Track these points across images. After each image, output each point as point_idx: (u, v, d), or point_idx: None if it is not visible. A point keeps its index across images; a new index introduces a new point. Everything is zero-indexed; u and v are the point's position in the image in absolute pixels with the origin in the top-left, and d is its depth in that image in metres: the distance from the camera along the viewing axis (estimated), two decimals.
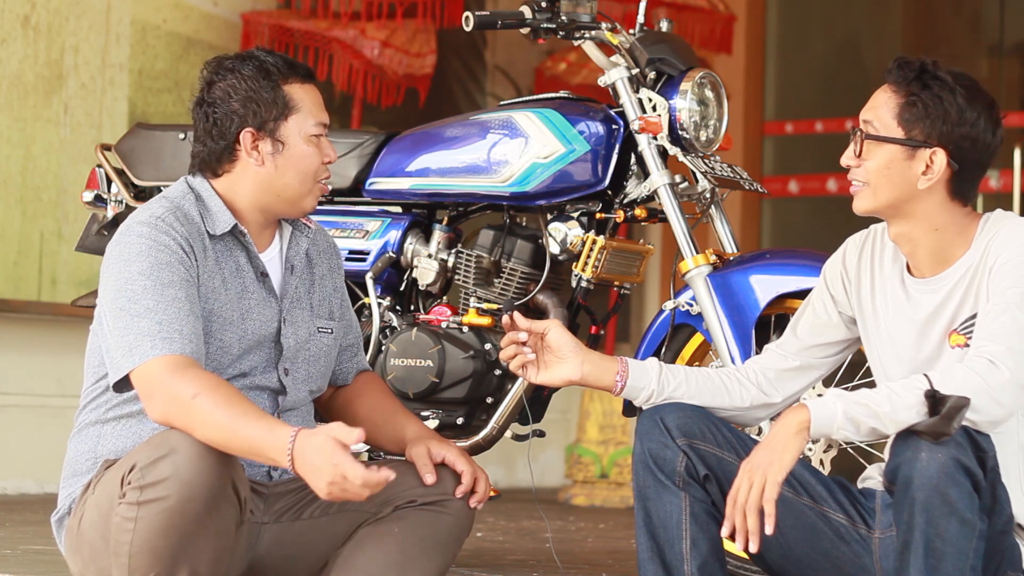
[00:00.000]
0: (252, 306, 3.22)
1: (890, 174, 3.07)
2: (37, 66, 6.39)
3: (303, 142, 3.21)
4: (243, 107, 3.19)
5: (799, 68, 9.34)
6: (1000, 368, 2.91)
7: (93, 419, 3.20)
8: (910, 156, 3.07)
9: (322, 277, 3.38)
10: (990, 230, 3.08)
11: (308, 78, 3.26)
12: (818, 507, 3.16)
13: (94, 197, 4.58)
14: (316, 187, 3.25)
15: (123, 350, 3.04)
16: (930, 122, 3.06)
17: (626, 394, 3.20)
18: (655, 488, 3.11)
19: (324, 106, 3.28)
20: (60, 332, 6.36)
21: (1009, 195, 8.47)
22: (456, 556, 3.27)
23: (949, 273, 3.11)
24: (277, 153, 3.21)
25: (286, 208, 3.25)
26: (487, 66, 8.37)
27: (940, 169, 3.06)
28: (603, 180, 4.09)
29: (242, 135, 3.20)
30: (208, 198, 3.22)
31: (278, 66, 3.22)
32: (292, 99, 3.21)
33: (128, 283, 3.07)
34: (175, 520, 2.92)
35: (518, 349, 3.20)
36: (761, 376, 3.27)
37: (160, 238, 3.11)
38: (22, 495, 6.32)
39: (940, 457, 2.85)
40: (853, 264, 3.25)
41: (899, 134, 3.07)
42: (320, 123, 3.23)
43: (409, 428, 3.33)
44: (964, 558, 2.87)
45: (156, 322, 3.04)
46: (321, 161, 3.24)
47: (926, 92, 3.06)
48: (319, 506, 3.21)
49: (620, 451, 7.40)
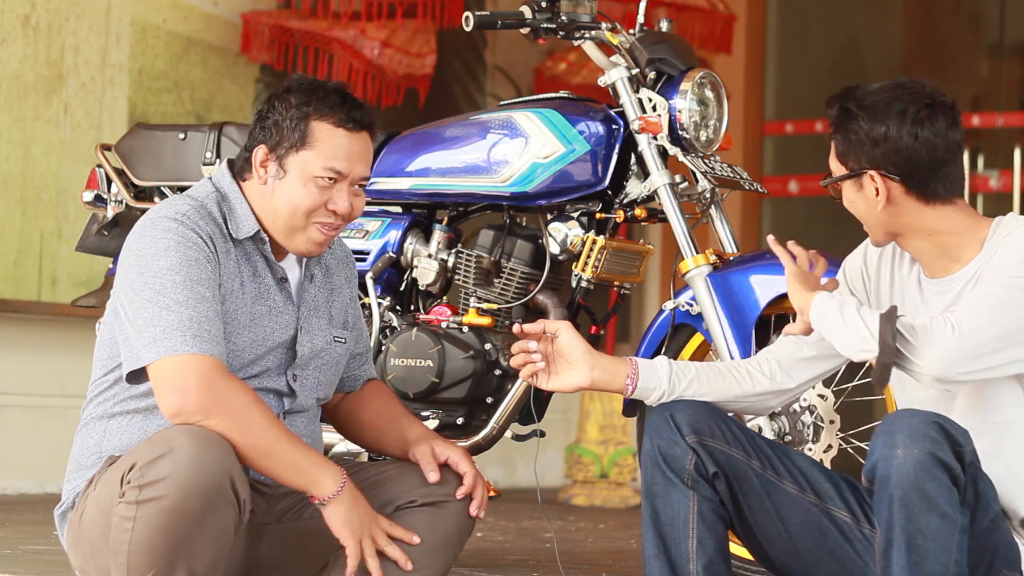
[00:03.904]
0: (266, 312, 3.22)
1: (857, 208, 3.17)
2: (37, 66, 6.39)
3: (301, 180, 3.17)
4: (270, 126, 3.20)
5: (799, 68, 9.34)
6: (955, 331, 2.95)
7: (100, 413, 3.20)
8: (859, 187, 3.15)
9: (340, 287, 3.38)
10: (1002, 233, 3.10)
11: (348, 124, 3.18)
12: (823, 505, 3.17)
13: (94, 197, 4.58)
14: (312, 228, 3.19)
15: (146, 341, 3.03)
16: (854, 153, 3.14)
17: (637, 395, 3.21)
18: (663, 486, 3.12)
19: (355, 158, 3.18)
20: (60, 332, 6.36)
21: (1009, 195, 8.46)
22: (457, 556, 3.27)
23: (960, 274, 3.13)
24: (278, 178, 3.20)
25: (280, 237, 3.22)
26: (487, 66, 8.37)
27: (885, 188, 3.11)
28: (603, 180, 4.09)
29: (256, 149, 3.21)
30: (236, 201, 3.21)
31: (322, 99, 3.19)
32: (312, 135, 3.17)
33: (157, 276, 3.07)
34: (173, 519, 2.92)
35: (527, 358, 3.21)
36: (775, 364, 3.28)
37: (188, 235, 3.10)
38: (22, 495, 6.32)
39: (916, 453, 2.88)
40: (874, 262, 3.28)
41: (842, 171, 3.15)
42: (330, 168, 3.16)
43: (413, 431, 3.34)
44: (947, 552, 2.89)
45: (187, 318, 3.03)
46: (323, 204, 3.18)
47: (841, 128, 3.14)
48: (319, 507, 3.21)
49: (620, 451, 7.40)
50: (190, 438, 2.95)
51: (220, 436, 2.98)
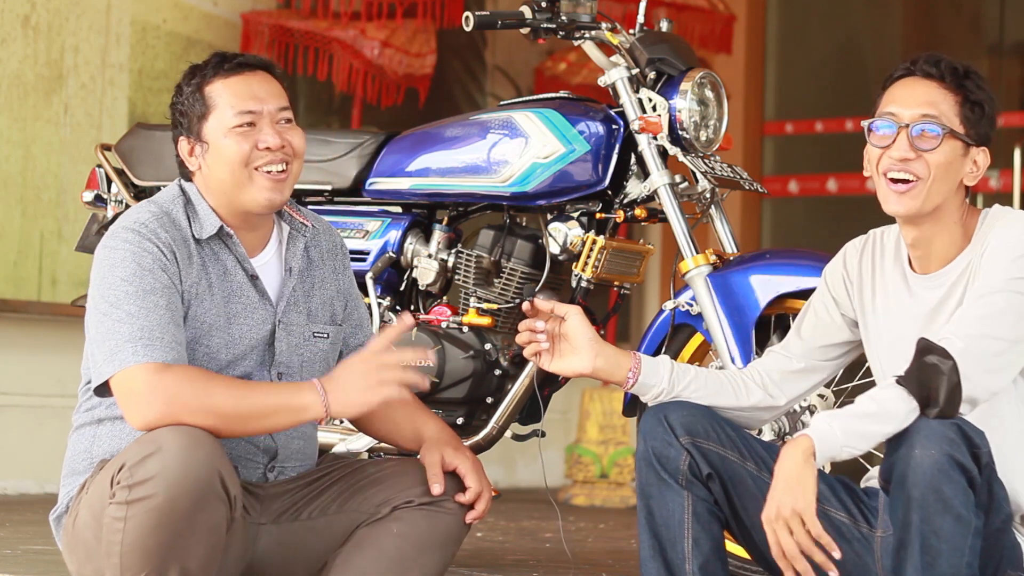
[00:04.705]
0: (240, 311, 3.21)
1: (949, 170, 3.09)
2: (37, 66, 6.39)
3: (222, 136, 3.19)
4: (178, 118, 3.25)
5: (799, 68, 9.34)
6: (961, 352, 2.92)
7: (88, 419, 3.20)
8: (965, 154, 3.11)
9: (324, 280, 3.36)
10: (990, 223, 3.11)
11: (236, 69, 3.21)
12: (820, 505, 3.16)
13: (94, 197, 4.58)
14: (257, 176, 3.19)
15: (104, 355, 3.05)
16: (986, 122, 3.11)
17: (636, 390, 3.20)
18: (658, 486, 3.11)
19: (262, 94, 3.19)
20: (60, 332, 6.36)
21: (1009, 195, 8.47)
22: (455, 556, 3.27)
23: (951, 268, 3.12)
24: (205, 153, 3.22)
25: (240, 205, 3.21)
26: (487, 66, 8.37)
27: (984, 168, 3.12)
28: (603, 180, 4.09)
29: (179, 144, 3.25)
30: (197, 202, 3.23)
31: (203, 69, 3.23)
32: (210, 98, 3.20)
33: (110, 288, 3.08)
34: (164, 518, 2.92)
35: (533, 336, 3.19)
36: (766, 378, 3.28)
37: (143, 244, 3.11)
38: (22, 495, 6.32)
39: (934, 454, 2.86)
40: (854, 266, 3.26)
41: (962, 131, 3.09)
42: (242, 111, 3.18)
43: (428, 427, 3.33)
44: (960, 555, 2.88)
45: (138, 328, 3.04)
46: (252, 148, 3.19)
47: (981, 93, 3.10)
48: (317, 507, 3.21)
49: (620, 451, 7.40)
50: (177, 436, 2.94)
51: (207, 433, 2.98)
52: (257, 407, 3.04)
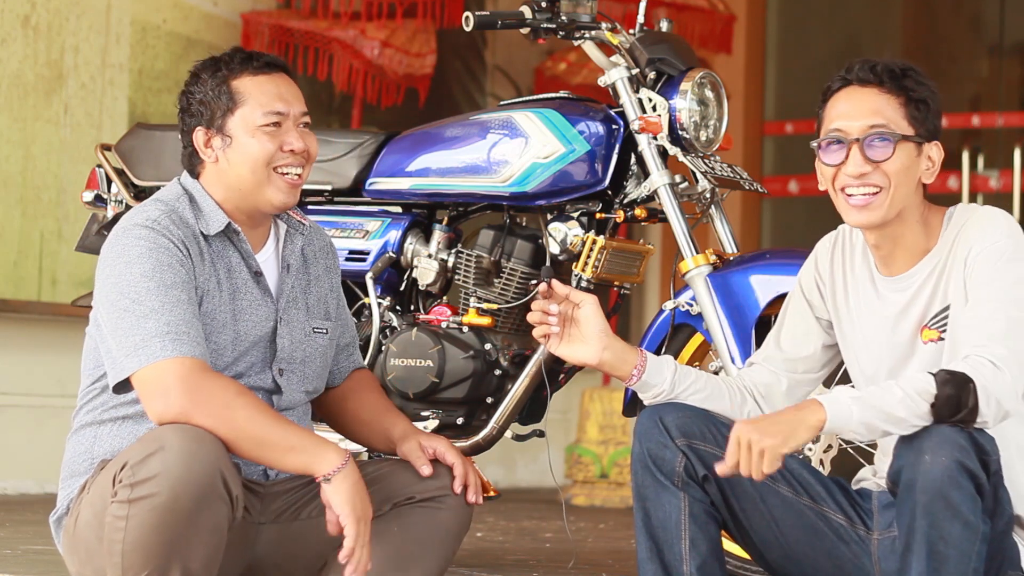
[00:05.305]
0: (245, 307, 3.22)
1: (907, 175, 3.08)
2: (37, 66, 6.39)
3: (248, 134, 3.20)
4: (197, 107, 3.23)
5: (799, 68, 9.34)
6: (1003, 371, 2.91)
7: (89, 420, 3.20)
8: (919, 153, 3.09)
9: (318, 277, 3.37)
10: (957, 222, 3.09)
11: (264, 69, 3.23)
12: (818, 507, 3.16)
13: (94, 197, 4.58)
14: (275, 177, 3.21)
15: (127, 351, 3.04)
16: (932, 117, 3.09)
17: (637, 387, 3.20)
18: (654, 488, 3.11)
19: (289, 97, 3.23)
20: (60, 332, 6.36)
21: (1009, 195, 8.46)
22: (456, 552, 3.27)
23: (917, 269, 3.11)
24: (227, 147, 3.22)
25: (254, 203, 3.23)
26: (487, 66, 8.37)
27: (939, 162, 3.10)
28: (603, 180, 4.09)
29: (195, 134, 3.23)
30: (201, 199, 3.23)
31: (229, 63, 3.23)
32: (238, 93, 3.21)
33: (131, 285, 3.07)
34: (166, 517, 2.92)
35: (544, 319, 3.18)
36: (755, 391, 3.27)
37: (159, 240, 3.11)
38: (22, 495, 6.32)
39: (943, 460, 2.85)
40: (826, 267, 3.26)
41: (912, 132, 3.08)
42: (271, 112, 3.20)
43: (397, 426, 3.34)
44: (967, 561, 2.87)
45: (164, 323, 3.04)
46: (277, 149, 3.21)
47: (923, 89, 3.08)
48: (317, 505, 3.21)
49: (620, 451, 7.40)
50: (180, 435, 2.94)
51: (210, 433, 2.98)
52: (276, 438, 3.03)
